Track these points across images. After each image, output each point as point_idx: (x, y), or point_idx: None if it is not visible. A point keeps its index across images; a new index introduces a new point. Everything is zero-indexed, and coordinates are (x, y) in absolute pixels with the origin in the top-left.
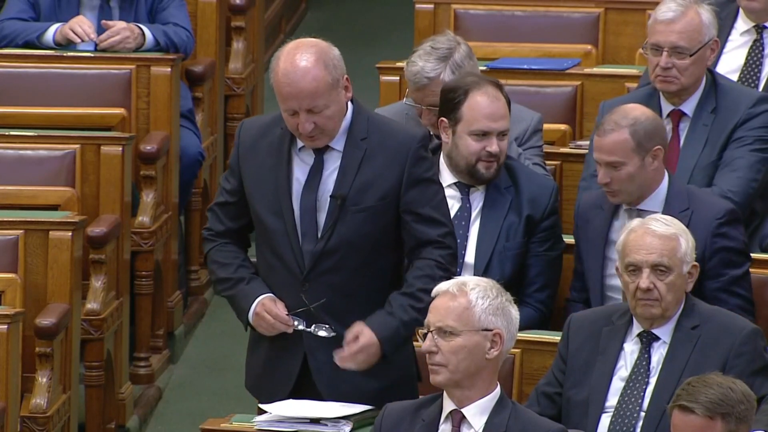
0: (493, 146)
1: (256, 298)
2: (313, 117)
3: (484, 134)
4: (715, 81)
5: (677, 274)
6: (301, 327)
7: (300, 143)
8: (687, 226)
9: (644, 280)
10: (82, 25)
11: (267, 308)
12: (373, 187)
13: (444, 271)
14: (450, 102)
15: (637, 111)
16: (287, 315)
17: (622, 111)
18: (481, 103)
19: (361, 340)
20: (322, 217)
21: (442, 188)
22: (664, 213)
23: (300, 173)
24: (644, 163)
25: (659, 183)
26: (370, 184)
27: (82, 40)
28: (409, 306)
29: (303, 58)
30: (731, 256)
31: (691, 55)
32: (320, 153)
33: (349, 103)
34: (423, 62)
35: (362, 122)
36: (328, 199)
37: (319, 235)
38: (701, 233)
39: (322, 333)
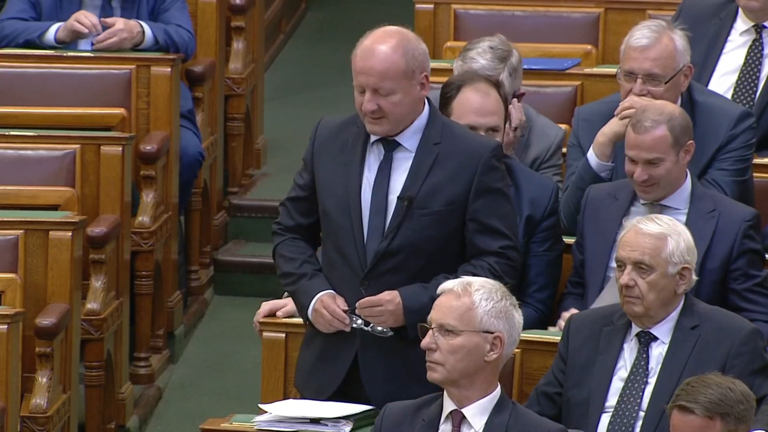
0: None
1: (316, 294)
2: (377, 98)
3: (471, 129)
4: (692, 99)
5: (660, 274)
6: (358, 322)
7: (373, 138)
8: (714, 228)
9: (624, 276)
10: (88, 16)
11: (325, 305)
12: (442, 191)
13: (495, 278)
14: (443, 98)
15: (669, 107)
16: (345, 312)
17: (656, 108)
18: (470, 99)
19: (385, 294)
20: (389, 217)
21: (511, 201)
22: (690, 211)
23: (370, 172)
24: (678, 158)
25: (684, 180)
26: (438, 189)
27: (90, 32)
28: None
29: (385, 40)
30: (757, 258)
31: (666, 83)
32: (390, 150)
33: (426, 105)
34: (484, 60)
35: (437, 127)
36: (396, 199)
37: (384, 235)
38: (729, 235)
39: (379, 331)
